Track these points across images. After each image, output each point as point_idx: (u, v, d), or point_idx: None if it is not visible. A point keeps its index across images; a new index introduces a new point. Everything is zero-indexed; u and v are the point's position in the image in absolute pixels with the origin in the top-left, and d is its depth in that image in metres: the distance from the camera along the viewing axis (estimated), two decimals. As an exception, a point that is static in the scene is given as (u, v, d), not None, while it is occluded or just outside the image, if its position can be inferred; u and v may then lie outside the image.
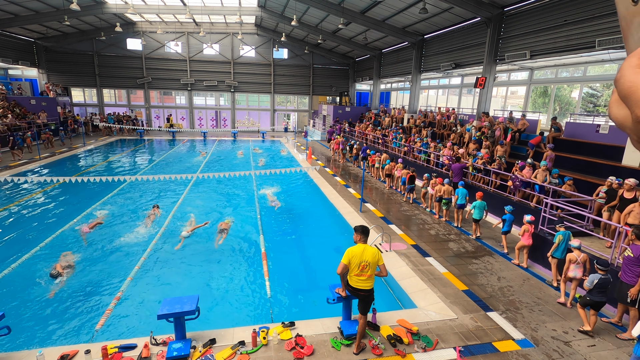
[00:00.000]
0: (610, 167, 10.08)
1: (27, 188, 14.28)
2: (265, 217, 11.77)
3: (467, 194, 10.72)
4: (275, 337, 5.48)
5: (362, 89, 38.00)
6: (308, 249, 9.47)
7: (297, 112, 37.74)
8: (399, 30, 21.90)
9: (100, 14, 25.26)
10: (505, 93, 21.17)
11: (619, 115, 0.46)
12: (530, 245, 8.15)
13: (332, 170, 18.70)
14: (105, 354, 4.91)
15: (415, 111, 23.32)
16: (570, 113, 15.84)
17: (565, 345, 5.62)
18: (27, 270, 7.97)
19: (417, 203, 13.22)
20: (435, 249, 9.11)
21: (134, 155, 22.60)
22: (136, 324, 6.30)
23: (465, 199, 10.67)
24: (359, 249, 5.07)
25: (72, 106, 32.03)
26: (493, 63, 15.84)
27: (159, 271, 8.15)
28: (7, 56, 26.05)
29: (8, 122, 21.90)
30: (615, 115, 0.47)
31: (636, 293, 5.59)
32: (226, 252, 9.24)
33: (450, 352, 5.36)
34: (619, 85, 0.46)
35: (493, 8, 15.06)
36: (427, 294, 7.04)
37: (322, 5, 20.80)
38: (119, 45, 31.94)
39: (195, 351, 5.14)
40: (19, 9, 22.83)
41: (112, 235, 9.97)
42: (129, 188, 14.80)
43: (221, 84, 34.32)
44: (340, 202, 13.19)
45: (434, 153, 15.25)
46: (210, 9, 26.45)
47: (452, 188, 11.19)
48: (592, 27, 11.42)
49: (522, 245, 8.26)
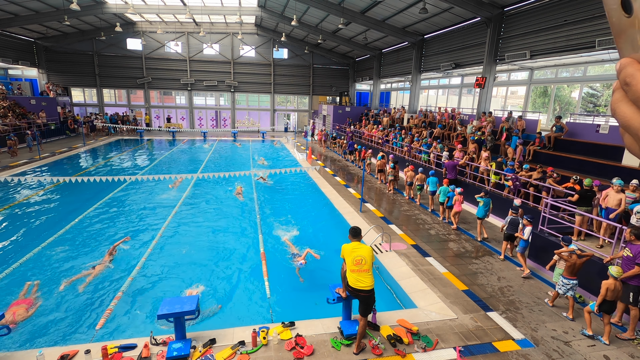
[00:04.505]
0: (610, 167, 10.09)
1: (26, 188, 14.28)
2: (265, 217, 11.77)
3: (437, 182, 12.18)
4: (275, 337, 5.47)
5: (362, 89, 38.00)
6: (307, 246, 9.45)
7: (297, 112, 37.74)
8: (399, 30, 21.90)
9: (100, 14, 25.27)
10: (505, 93, 21.17)
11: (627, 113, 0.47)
12: (460, 211, 10.46)
13: (332, 170, 18.71)
14: (105, 354, 4.90)
15: (415, 111, 23.32)
16: (570, 113, 15.84)
17: (565, 345, 5.62)
18: (26, 270, 7.97)
19: (399, 192, 14.58)
20: (435, 249, 9.11)
21: (133, 155, 22.60)
22: (136, 324, 6.30)
23: (435, 185, 12.08)
24: (353, 245, 5.22)
25: (72, 106, 32.04)
26: (493, 63, 15.84)
27: (159, 271, 8.15)
28: (7, 56, 26.05)
29: (8, 122, 21.91)
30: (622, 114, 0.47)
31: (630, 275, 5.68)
32: (226, 252, 9.24)
33: (450, 352, 5.36)
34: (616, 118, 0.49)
35: (493, 8, 15.06)
36: (427, 294, 7.03)
37: (322, 5, 20.80)
38: (119, 45, 31.94)
39: (195, 351, 5.14)
40: (19, 9, 22.84)
41: (112, 235, 9.97)
42: (129, 188, 14.79)
43: (221, 84, 34.32)
44: (340, 202, 13.19)
45: (435, 153, 15.23)
46: (210, 9, 26.45)
47: (424, 176, 12.80)
48: (592, 27, 11.42)
49: (455, 211, 10.46)
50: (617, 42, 0.50)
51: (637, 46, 0.46)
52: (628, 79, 0.45)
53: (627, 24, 0.47)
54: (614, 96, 0.49)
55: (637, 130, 0.45)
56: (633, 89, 0.45)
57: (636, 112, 0.45)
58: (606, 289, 5.57)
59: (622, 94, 0.47)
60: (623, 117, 0.47)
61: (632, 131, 0.46)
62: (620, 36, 0.49)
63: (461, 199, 10.33)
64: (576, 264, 6.22)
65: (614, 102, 0.49)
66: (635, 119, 0.45)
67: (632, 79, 0.45)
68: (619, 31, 0.48)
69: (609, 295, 5.59)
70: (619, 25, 0.48)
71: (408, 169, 13.56)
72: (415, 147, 16.96)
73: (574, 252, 6.34)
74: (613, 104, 0.49)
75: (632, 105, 0.46)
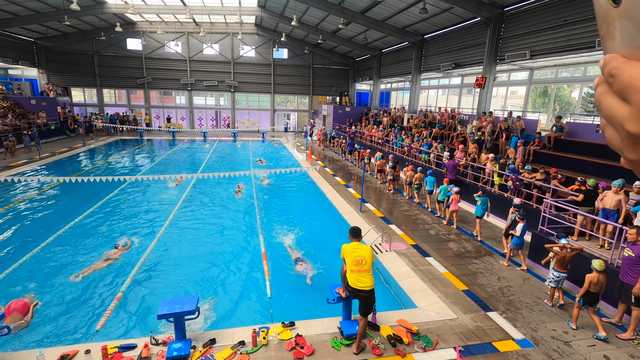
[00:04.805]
0: (610, 167, 10.09)
1: (26, 188, 14.29)
2: (265, 217, 11.77)
3: (434, 181, 12.32)
4: (275, 337, 5.47)
5: (362, 89, 38.00)
6: (308, 249, 9.46)
7: (297, 112, 37.74)
8: (399, 30, 21.90)
9: (100, 14, 25.27)
10: (505, 93, 21.17)
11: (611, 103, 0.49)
12: (456, 210, 10.50)
13: (332, 170, 18.71)
14: (105, 354, 4.90)
15: (415, 111, 23.32)
16: (570, 113, 15.84)
17: (565, 345, 5.63)
18: (27, 270, 7.98)
19: (399, 192, 14.67)
20: (435, 249, 9.11)
21: (133, 155, 22.60)
22: (136, 324, 6.30)
23: (433, 185, 12.28)
24: (353, 245, 5.23)
25: (72, 106, 32.04)
26: (493, 63, 15.84)
27: (159, 271, 8.15)
28: (7, 56, 26.05)
29: (8, 122, 21.91)
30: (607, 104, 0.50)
31: (638, 291, 5.59)
32: (226, 252, 9.24)
33: (450, 352, 5.36)
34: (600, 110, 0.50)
35: (493, 8, 15.06)
36: (427, 294, 7.03)
37: (322, 5, 20.80)
38: (119, 45, 31.94)
39: (195, 351, 5.14)
40: (19, 9, 22.84)
41: (112, 235, 9.97)
42: (129, 188, 14.80)
43: (221, 84, 34.32)
44: (340, 202, 13.19)
45: (436, 153, 15.23)
46: (210, 9, 26.45)
47: (423, 175, 12.91)
48: (592, 27, 11.43)
49: (451, 210, 10.53)
50: (602, 36, 0.50)
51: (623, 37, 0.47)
52: (613, 70, 0.47)
53: (614, 15, 0.47)
54: (598, 90, 0.51)
55: (621, 119, 0.47)
56: (618, 79, 0.46)
57: (620, 102, 0.47)
58: (589, 282, 5.82)
59: (606, 87, 0.49)
60: (607, 107, 0.49)
61: (615, 121, 0.48)
62: (607, 31, 0.49)
63: (458, 198, 10.47)
64: (566, 257, 6.52)
65: (599, 95, 0.51)
66: (619, 109, 0.47)
67: (617, 70, 0.47)
68: (607, 25, 0.49)
69: (593, 287, 5.82)
70: (606, 16, 0.48)
71: (407, 168, 13.68)
72: (415, 147, 16.97)
73: (565, 246, 6.59)
74: (598, 97, 0.51)
75: (616, 97, 0.48)
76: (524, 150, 12.64)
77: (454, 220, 10.70)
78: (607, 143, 0.53)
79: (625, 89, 0.46)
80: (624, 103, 0.46)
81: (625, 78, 0.45)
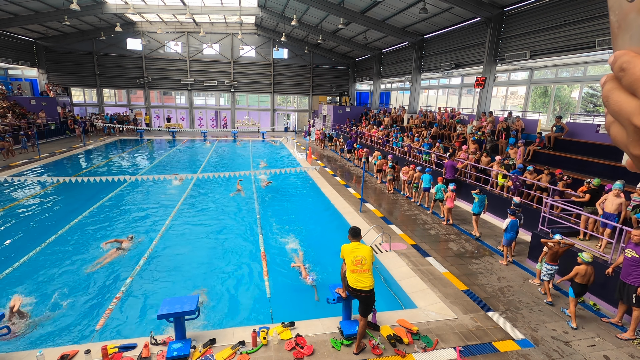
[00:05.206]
0: (610, 167, 10.09)
1: (26, 188, 14.28)
2: (265, 217, 11.77)
3: (431, 179, 12.29)
4: (275, 337, 5.47)
5: (362, 89, 38.00)
6: (308, 249, 9.46)
7: (297, 112, 37.74)
8: (399, 30, 21.90)
9: (100, 14, 25.27)
10: (505, 93, 21.17)
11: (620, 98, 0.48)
12: (452, 207, 10.65)
13: (332, 170, 18.71)
14: (105, 354, 4.90)
15: (415, 111, 23.32)
16: (570, 113, 15.84)
17: (565, 345, 5.62)
18: (27, 270, 7.98)
19: (399, 192, 14.65)
20: (435, 249, 9.11)
21: (133, 155, 22.60)
22: (136, 324, 6.30)
23: (429, 183, 12.24)
24: (352, 245, 5.23)
25: (72, 106, 32.04)
26: (493, 63, 15.84)
27: (159, 271, 8.15)
28: (7, 56, 26.05)
29: (8, 122, 21.90)
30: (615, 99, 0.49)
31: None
32: (226, 252, 9.24)
33: (450, 352, 5.36)
34: (608, 106, 0.50)
35: (493, 8, 15.06)
36: (427, 294, 7.03)
37: (322, 5, 20.80)
38: (119, 45, 31.95)
39: (195, 351, 5.14)
40: (19, 9, 22.84)
41: (112, 235, 9.96)
42: (129, 188, 14.80)
43: (221, 84, 34.32)
44: (340, 202, 13.19)
45: (436, 153, 15.22)
46: (210, 9, 26.46)
47: (420, 174, 12.88)
48: (592, 27, 11.42)
49: (447, 208, 10.65)
50: (614, 32, 0.50)
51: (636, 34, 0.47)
52: (625, 64, 0.47)
53: (629, 9, 0.47)
54: (606, 87, 0.50)
55: (629, 114, 0.47)
56: (629, 73, 0.46)
57: (629, 97, 0.47)
58: (576, 272, 6.08)
59: (614, 83, 0.49)
60: (616, 102, 0.48)
61: (623, 116, 0.48)
62: (619, 27, 0.49)
63: (453, 195, 10.59)
64: (558, 251, 6.83)
65: (607, 91, 0.50)
66: (627, 103, 0.47)
67: (628, 64, 0.47)
68: (619, 22, 0.49)
69: (579, 279, 6.05)
70: (620, 13, 0.48)
71: (409, 168, 13.73)
72: (415, 147, 16.96)
73: (559, 242, 6.91)
74: (606, 93, 0.50)
75: (625, 92, 0.48)
76: (524, 150, 12.63)
77: (449, 217, 10.85)
78: (612, 140, 0.52)
79: (635, 82, 0.46)
80: (633, 97, 0.47)
81: (637, 71, 0.46)
